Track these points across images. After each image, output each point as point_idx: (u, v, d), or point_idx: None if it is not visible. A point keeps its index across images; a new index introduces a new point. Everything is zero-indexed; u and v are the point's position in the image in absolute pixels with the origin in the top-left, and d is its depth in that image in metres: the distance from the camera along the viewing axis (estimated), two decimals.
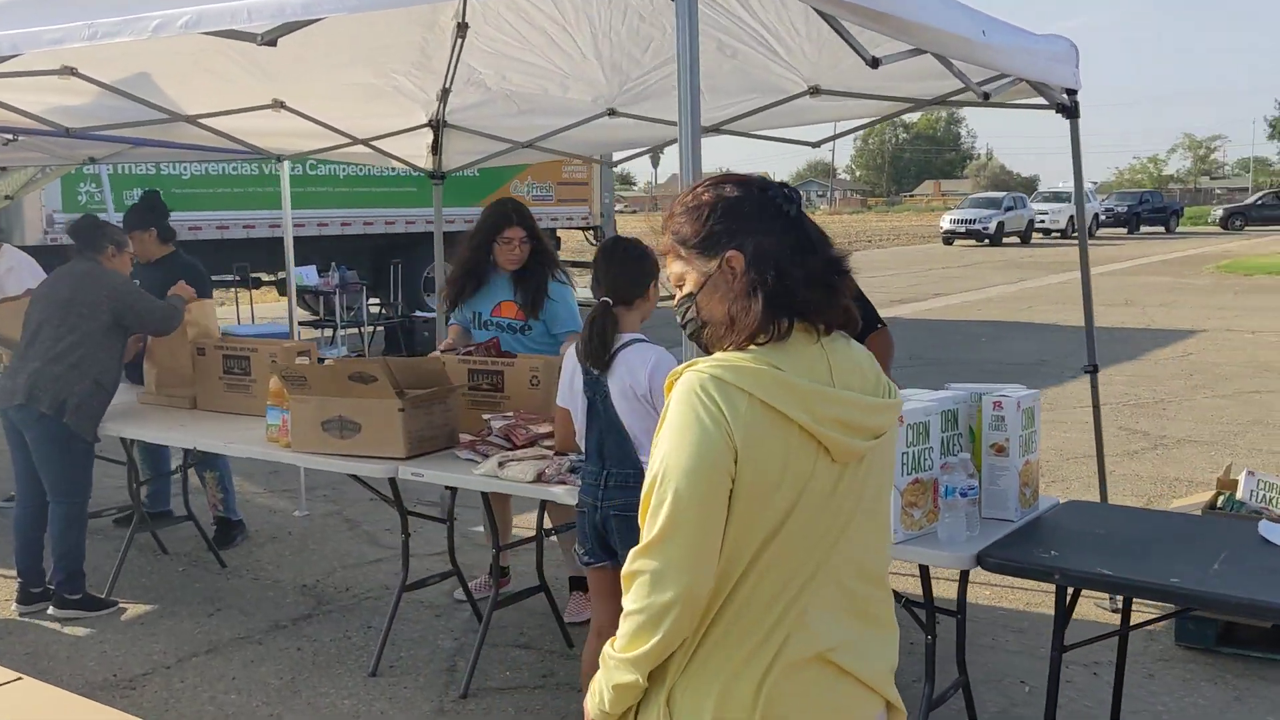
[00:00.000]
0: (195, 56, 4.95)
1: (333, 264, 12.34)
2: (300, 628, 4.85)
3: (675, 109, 5.60)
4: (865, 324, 4.19)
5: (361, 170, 14.06)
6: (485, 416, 4.33)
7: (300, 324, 12.42)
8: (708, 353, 1.89)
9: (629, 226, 20.68)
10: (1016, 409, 3.31)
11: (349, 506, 6.78)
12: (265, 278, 13.85)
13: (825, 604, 1.82)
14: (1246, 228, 45.85)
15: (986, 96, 4.50)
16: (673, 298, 1.96)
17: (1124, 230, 45.19)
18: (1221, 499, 5.01)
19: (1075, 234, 28.24)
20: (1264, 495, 4.98)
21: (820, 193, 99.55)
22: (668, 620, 1.77)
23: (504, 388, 4.38)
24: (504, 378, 4.40)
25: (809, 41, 4.77)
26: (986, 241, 36.52)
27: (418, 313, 13.30)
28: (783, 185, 1.91)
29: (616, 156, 6.29)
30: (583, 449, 3.50)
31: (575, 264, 13.73)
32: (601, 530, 3.35)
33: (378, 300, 13.88)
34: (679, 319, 1.93)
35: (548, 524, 4.65)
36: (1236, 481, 5.20)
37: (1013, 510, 3.32)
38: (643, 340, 3.36)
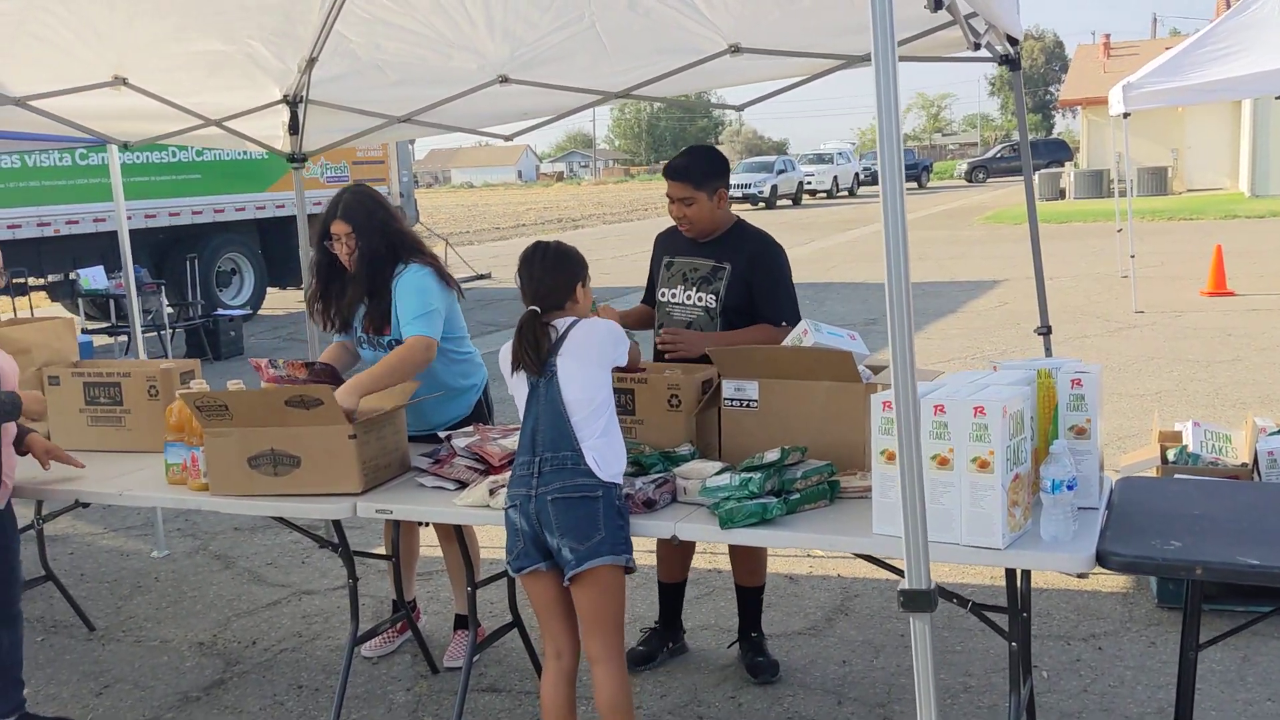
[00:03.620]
0: (19, 17, 4.10)
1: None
2: (217, 698, 4.11)
3: (575, 72, 5.21)
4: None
5: (139, 158, 12.80)
6: (442, 434, 3.74)
7: (89, 332, 11.17)
8: None
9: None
10: (1096, 386, 3.01)
11: (213, 539, 5.95)
12: (34, 281, 12.37)
13: None
14: (989, 180, 48.62)
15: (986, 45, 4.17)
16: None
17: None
18: (1173, 453, 4.95)
19: (841, 193, 29.26)
20: (1214, 445, 4.95)
21: (583, 163, 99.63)
22: None
23: (635, 410, 3.61)
24: (635, 398, 3.61)
25: None
26: (762, 205, 37.22)
27: (219, 311, 12.17)
28: None
29: (509, 129, 5.69)
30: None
31: None
32: (537, 523, 3.03)
33: (169, 300, 12.64)
34: None
35: None
36: (1180, 433, 5.16)
37: (1096, 497, 3.03)
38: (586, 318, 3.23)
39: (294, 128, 5.50)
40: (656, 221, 33.63)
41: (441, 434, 3.72)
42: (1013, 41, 4.69)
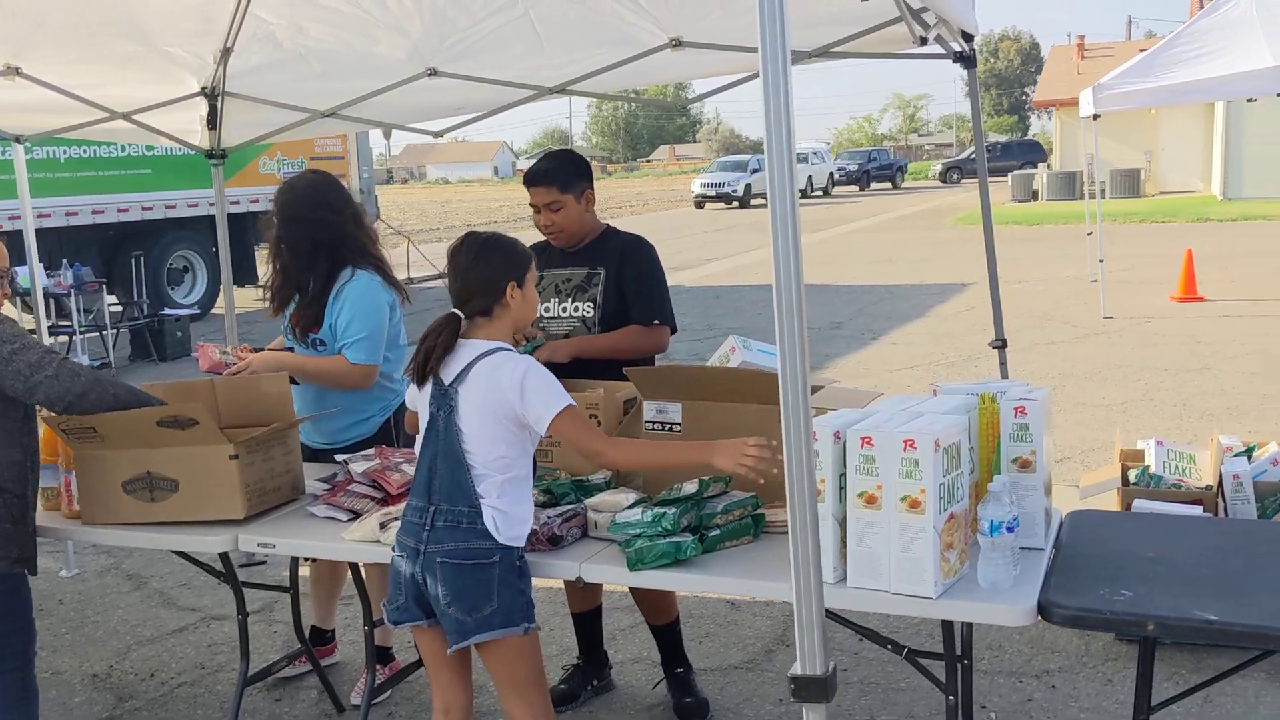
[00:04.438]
0: None
1: (63, 261, 10.71)
2: None
3: (509, 64, 4.91)
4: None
5: (86, 152, 12.40)
6: (340, 458, 3.43)
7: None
8: None
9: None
10: (1041, 414, 2.74)
11: (127, 557, 5.63)
12: None
13: None
14: (963, 180, 48.49)
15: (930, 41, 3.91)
16: None
17: (855, 188, 46.90)
18: (1135, 473, 4.70)
19: (815, 193, 29.21)
20: (1178, 465, 4.70)
21: None
22: None
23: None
24: None
25: None
26: (736, 204, 36.98)
27: (166, 311, 11.79)
28: None
29: (439, 126, 5.39)
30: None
31: None
32: (422, 580, 2.70)
33: (116, 299, 12.25)
34: None
35: None
36: (1141, 452, 4.92)
37: (1041, 536, 2.76)
38: (507, 349, 2.76)
39: (212, 122, 5.20)
40: (631, 220, 33.32)
41: (339, 458, 3.42)
42: (968, 38, 4.44)
